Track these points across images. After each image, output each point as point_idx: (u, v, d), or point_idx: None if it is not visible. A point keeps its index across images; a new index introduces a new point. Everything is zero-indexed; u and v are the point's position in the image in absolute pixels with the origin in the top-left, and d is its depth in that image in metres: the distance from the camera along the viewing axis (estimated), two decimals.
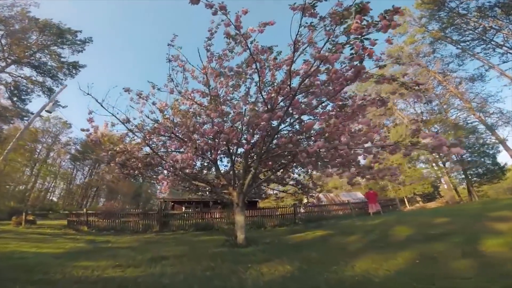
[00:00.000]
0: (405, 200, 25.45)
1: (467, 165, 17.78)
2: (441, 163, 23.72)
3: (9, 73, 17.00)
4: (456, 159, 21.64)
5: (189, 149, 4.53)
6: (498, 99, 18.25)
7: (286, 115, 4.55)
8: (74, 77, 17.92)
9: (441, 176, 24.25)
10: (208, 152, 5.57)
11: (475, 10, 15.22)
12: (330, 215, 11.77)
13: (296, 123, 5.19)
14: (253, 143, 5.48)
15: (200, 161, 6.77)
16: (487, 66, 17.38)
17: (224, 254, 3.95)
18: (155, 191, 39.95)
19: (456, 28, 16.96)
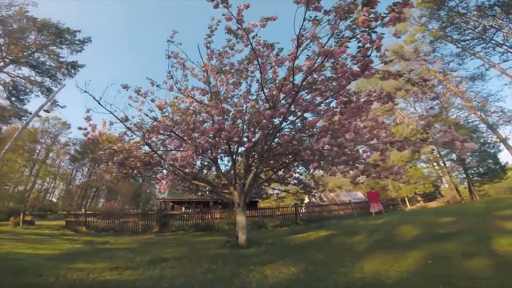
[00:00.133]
0: (406, 199, 25.38)
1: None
2: (442, 162, 23.66)
3: (7, 73, 16.89)
4: (457, 158, 21.58)
5: (189, 147, 4.41)
6: (498, 98, 18.20)
7: (288, 113, 4.44)
8: (73, 77, 17.83)
9: (442, 175, 24.17)
10: (208, 151, 5.46)
11: (475, 9, 15.18)
12: (331, 215, 11.67)
13: (298, 120, 5.08)
14: (254, 141, 5.36)
15: (200, 160, 6.66)
16: (487, 65, 17.35)
17: (225, 255, 3.82)
18: (155, 192, 39.80)
19: (456, 27, 16.92)
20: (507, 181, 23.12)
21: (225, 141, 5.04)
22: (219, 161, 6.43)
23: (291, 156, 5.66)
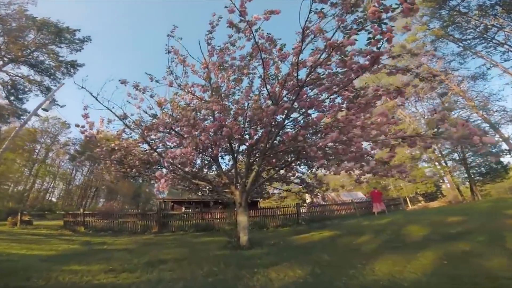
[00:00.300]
0: (407, 199, 25.23)
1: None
2: (444, 162, 23.51)
3: (6, 71, 16.74)
4: (458, 158, 21.43)
5: (189, 143, 4.26)
6: (500, 98, 18.10)
7: (292, 109, 4.30)
8: (72, 76, 17.67)
9: (443, 175, 24.01)
10: (209, 148, 5.31)
11: (476, 8, 15.08)
12: (333, 215, 11.51)
13: (302, 117, 4.94)
14: (256, 139, 5.22)
15: (200, 159, 6.51)
16: (489, 64, 17.24)
17: (227, 257, 3.67)
18: (154, 191, 39.62)
19: (457, 26, 16.84)
20: (509, 181, 22.99)
21: (226, 138, 4.89)
22: (220, 160, 6.29)
23: (293, 154, 5.52)
